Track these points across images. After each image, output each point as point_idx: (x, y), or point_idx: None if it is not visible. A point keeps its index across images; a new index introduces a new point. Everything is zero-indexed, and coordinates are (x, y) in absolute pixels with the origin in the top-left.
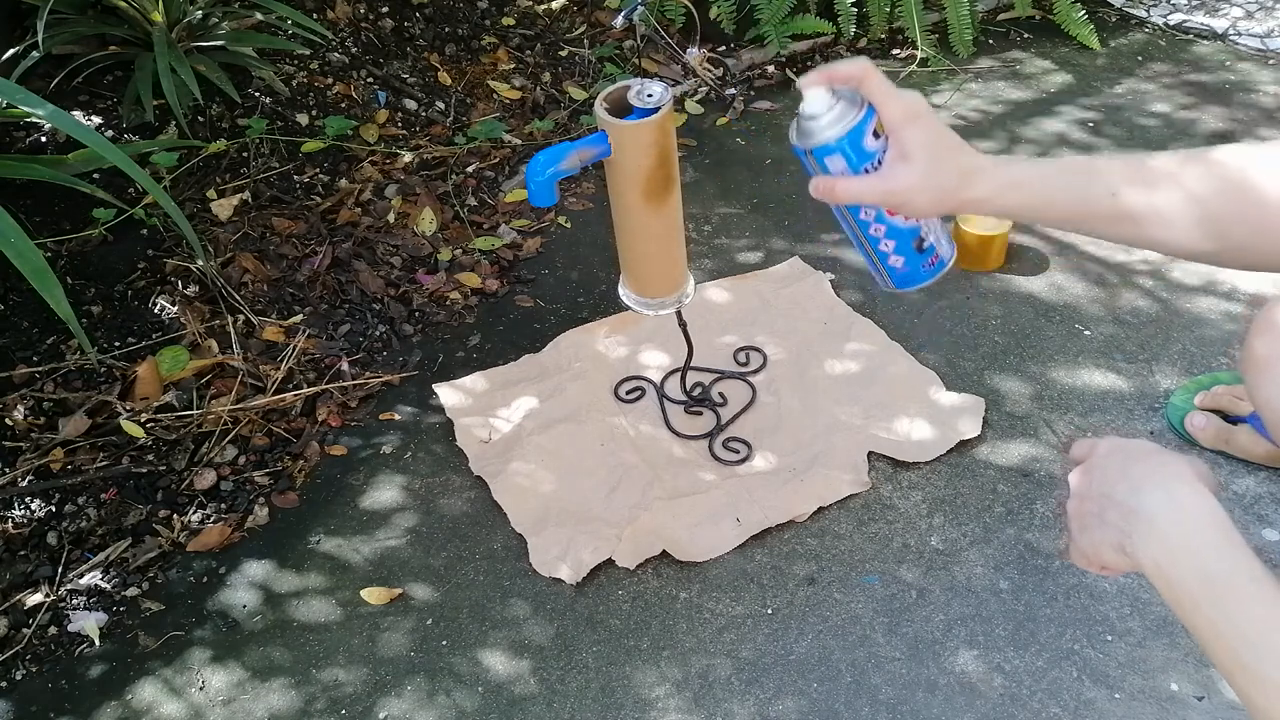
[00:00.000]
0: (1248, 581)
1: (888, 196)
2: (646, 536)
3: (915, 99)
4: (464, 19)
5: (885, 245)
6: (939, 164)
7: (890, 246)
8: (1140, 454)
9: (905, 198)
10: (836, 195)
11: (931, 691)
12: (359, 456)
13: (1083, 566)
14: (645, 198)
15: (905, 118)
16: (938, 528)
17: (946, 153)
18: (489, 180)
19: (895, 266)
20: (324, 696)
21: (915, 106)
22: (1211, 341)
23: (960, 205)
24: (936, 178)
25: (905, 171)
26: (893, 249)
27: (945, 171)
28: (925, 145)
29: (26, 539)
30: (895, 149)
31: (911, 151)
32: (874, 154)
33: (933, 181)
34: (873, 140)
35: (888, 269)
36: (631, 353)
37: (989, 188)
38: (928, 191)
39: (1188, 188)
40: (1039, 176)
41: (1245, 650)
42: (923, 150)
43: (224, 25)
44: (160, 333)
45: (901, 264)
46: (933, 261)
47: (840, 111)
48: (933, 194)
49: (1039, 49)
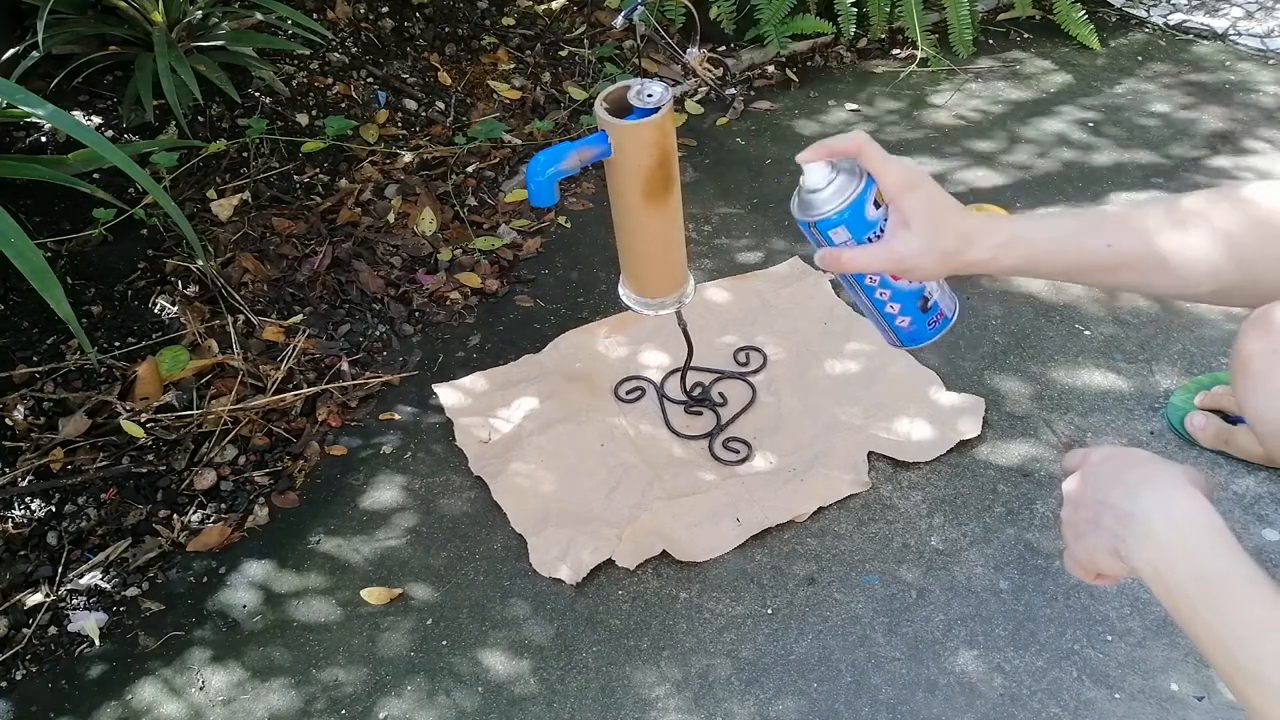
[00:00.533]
0: (1244, 584)
1: (891, 264)
2: (646, 536)
3: (911, 167)
4: (464, 19)
5: (891, 307)
6: (938, 230)
7: (896, 309)
8: (1135, 460)
9: (909, 264)
10: (843, 265)
11: (931, 691)
12: (359, 456)
13: (1077, 575)
14: (645, 198)
15: (903, 186)
16: (938, 528)
17: (945, 218)
18: (489, 180)
19: (902, 326)
20: (324, 696)
21: (912, 175)
22: (1211, 341)
23: (963, 267)
24: (937, 243)
25: (907, 239)
26: (899, 310)
27: (945, 236)
28: (924, 212)
29: (26, 539)
30: (896, 217)
31: (911, 219)
32: (875, 223)
33: (934, 247)
34: (873, 210)
35: (894, 329)
36: (631, 353)
37: (988, 249)
38: (929, 256)
39: (1180, 234)
40: (1036, 233)
41: (1242, 653)
42: (922, 217)
43: (224, 25)
44: (160, 333)
45: (908, 324)
46: (937, 319)
47: (840, 184)
48: (935, 258)
49: (1039, 49)
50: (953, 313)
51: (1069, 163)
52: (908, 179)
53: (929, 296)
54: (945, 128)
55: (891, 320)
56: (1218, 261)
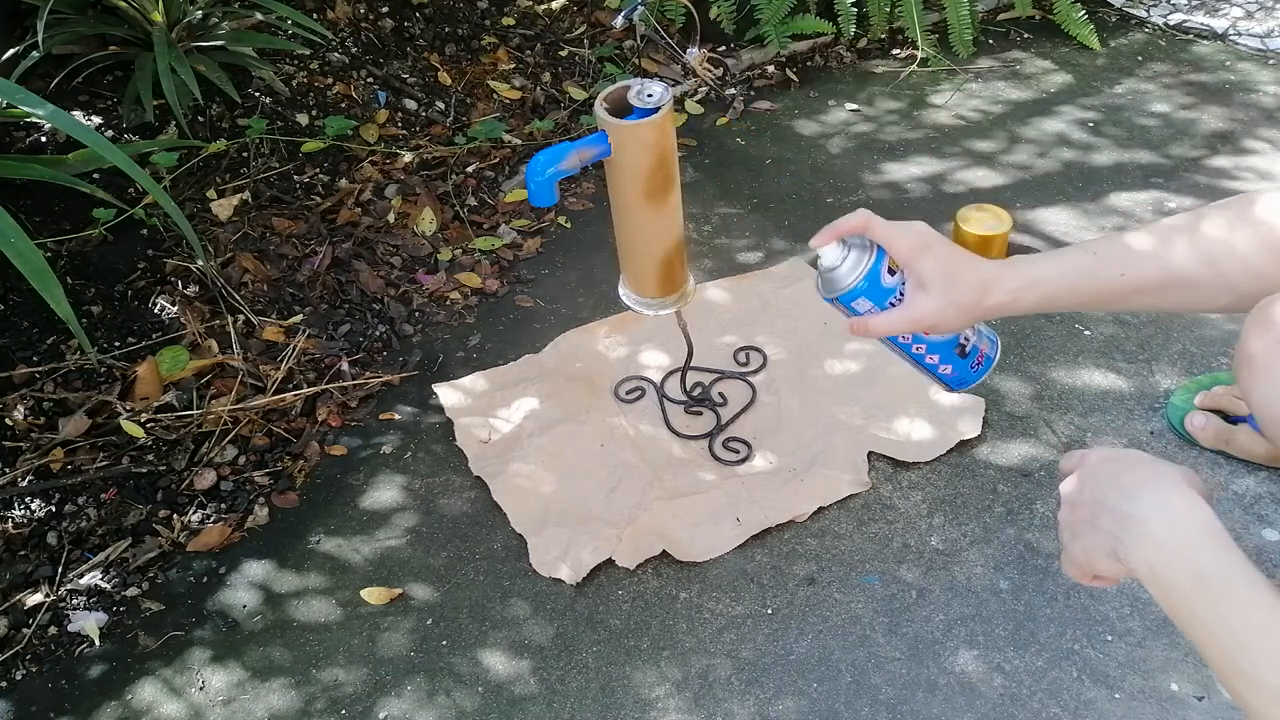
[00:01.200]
0: (1242, 586)
1: (916, 324)
2: (646, 536)
3: (919, 230)
4: (464, 19)
5: (931, 359)
6: (954, 285)
7: (936, 359)
8: (1132, 462)
9: (932, 322)
10: (871, 331)
11: (931, 691)
12: (359, 456)
13: (1074, 577)
14: (645, 198)
15: (913, 251)
16: (938, 528)
17: (959, 273)
18: (489, 180)
19: (946, 374)
20: (324, 696)
21: (921, 237)
22: (1211, 341)
23: (984, 314)
24: (955, 297)
25: (925, 299)
26: (939, 360)
27: (961, 290)
28: (937, 272)
29: (26, 539)
30: (912, 280)
31: (926, 280)
32: (894, 289)
33: (952, 302)
34: (889, 277)
35: (940, 377)
36: (631, 353)
37: (1006, 294)
38: (949, 311)
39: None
40: (1050, 273)
41: (1240, 654)
42: (936, 277)
43: (224, 25)
44: (160, 333)
45: (951, 370)
46: (979, 361)
47: (855, 259)
48: (955, 312)
49: (1039, 49)
50: (994, 351)
51: (1069, 163)
52: (916, 244)
53: (965, 343)
54: (945, 128)
55: (935, 370)
56: (1233, 279)
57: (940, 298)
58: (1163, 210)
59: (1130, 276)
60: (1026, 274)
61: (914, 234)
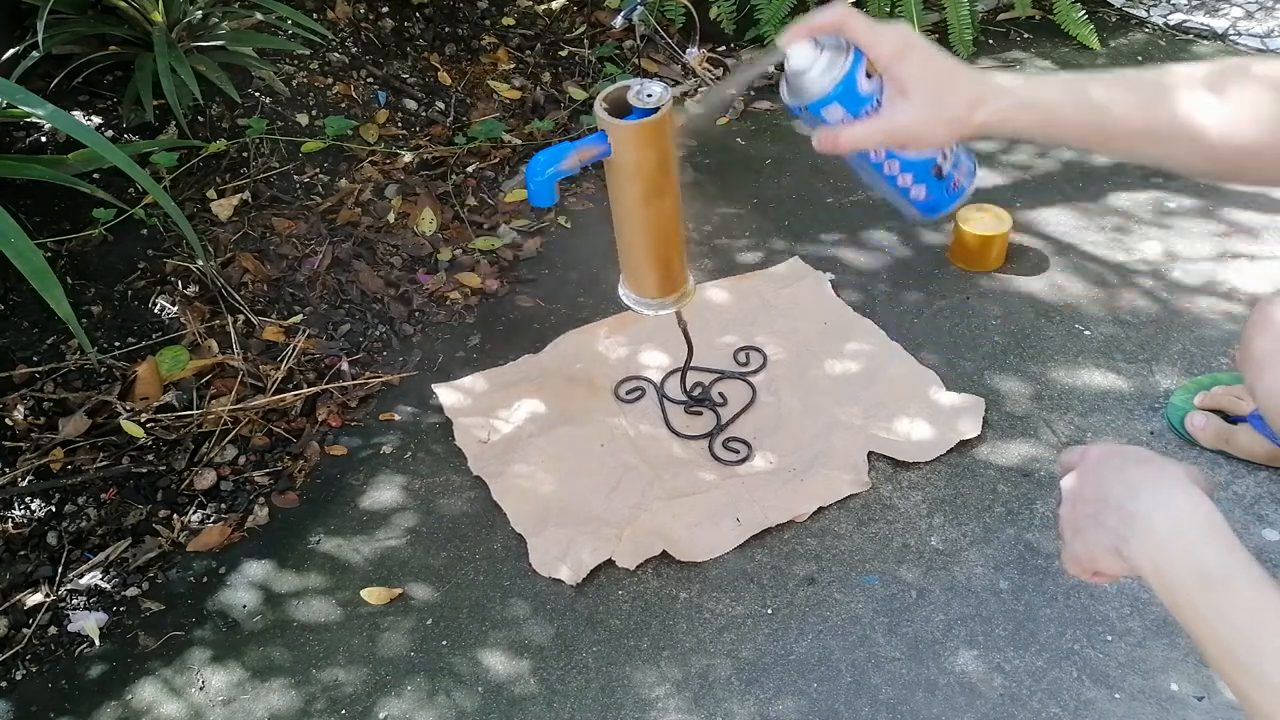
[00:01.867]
0: (1246, 583)
1: (892, 136)
2: (646, 536)
3: (902, 32)
4: (464, 19)
5: (903, 180)
6: (940, 95)
7: (908, 180)
8: (1135, 458)
9: (912, 134)
10: (841, 145)
11: (931, 691)
12: (359, 456)
13: (1074, 573)
14: (645, 198)
15: (895, 54)
16: (938, 528)
17: (947, 81)
18: (489, 180)
19: (918, 197)
20: (324, 696)
21: (904, 39)
22: (1211, 341)
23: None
24: (940, 109)
25: (906, 108)
26: (911, 181)
27: (948, 102)
28: (922, 78)
29: (26, 539)
30: (891, 87)
31: (909, 87)
32: (871, 96)
33: (937, 113)
34: (866, 82)
35: (911, 201)
36: (631, 353)
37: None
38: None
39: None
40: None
41: (1244, 652)
42: (920, 83)
43: (224, 25)
44: (160, 333)
45: (924, 193)
46: (955, 185)
47: (828, 61)
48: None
49: (1039, 49)
50: (971, 176)
51: (1069, 163)
52: (899, 45)
53: (941, 165)
54: None
55: (907, 193)
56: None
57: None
58: (1162, 210)
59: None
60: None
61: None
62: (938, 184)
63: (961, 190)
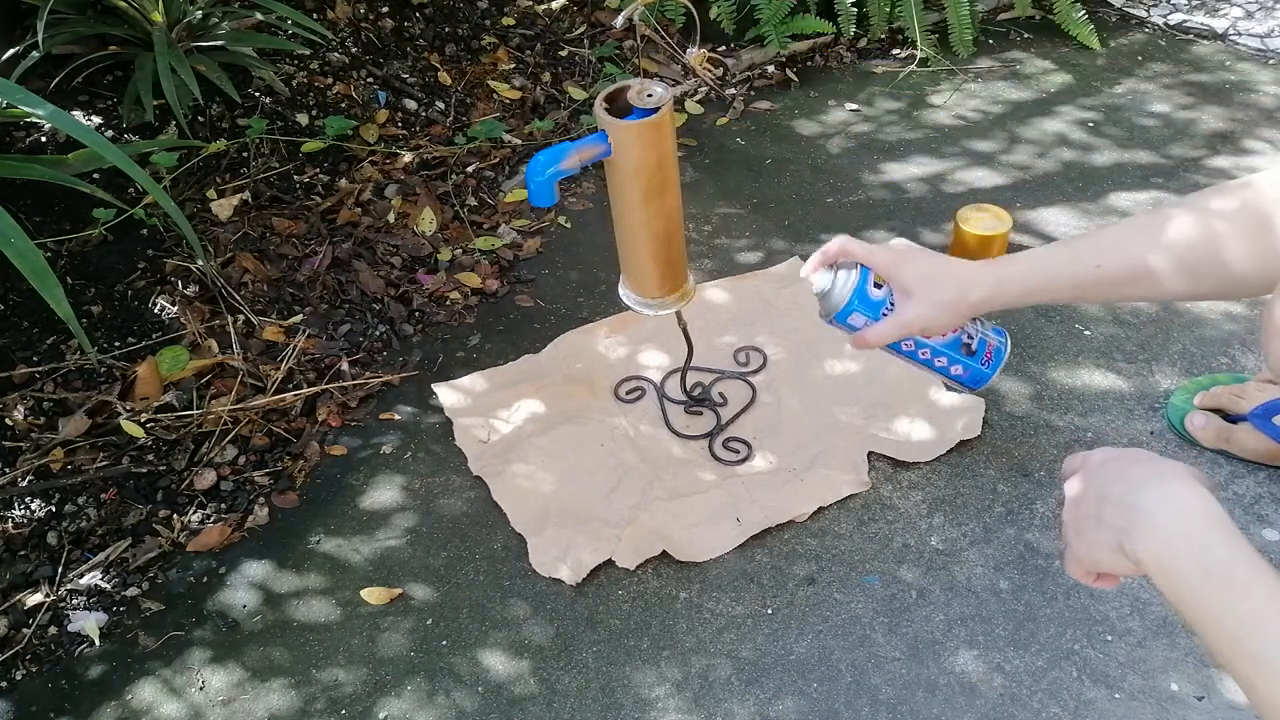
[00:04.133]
0: (1249, 572)
1: (906, 328)
2: (646, 537)
3: (896, 244)
4: (464, 19)
5: (939, 361)
6: (934, 287)
7: (944, 362)
8: (1136, 458)
9: (922, 324)
10: (869, 342)
11: (931, 691)
12: (359, 456)
13: (1077, 576)
14: (645, 198)
15: (891, 263)
16: (938, 528)
17: (938, 276)
18: (489, 180)
19: (959, 374)
20: (324, 696)
21: (898, 250)
22: (1211, 341)
23: (969, 310)
24: (937, 298)
25: (910, 305)
26: (947, 363)
27: (942, 291)
28: (917, 277)
29: (26, 539)
30: (896, 290)
31: (909, 287)
32: (883, 300)
33: (935, 302)
34: (876, 290)
35: (954, 379)
36: (631, 353)
37: (985, 290)
38: (934, 311)
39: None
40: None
41: (1249, 639)
42: (917, 282)
43: (224, 25)
44: (160, 333)
45: (963, 370)
46: (988, 357)
47: (842, 280)
48: (940, 312)
49: (1039, 49)
50: (1004, 344)
51: (1069, 163)
52: (894, 257)
53: (969, 341)
54: (945, 128)
55: (947, 372)
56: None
57: (923, 301)
58: None
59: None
60: (1002, 271)
61: (891, 249)
62: (970, 360)
63: (997, 357)
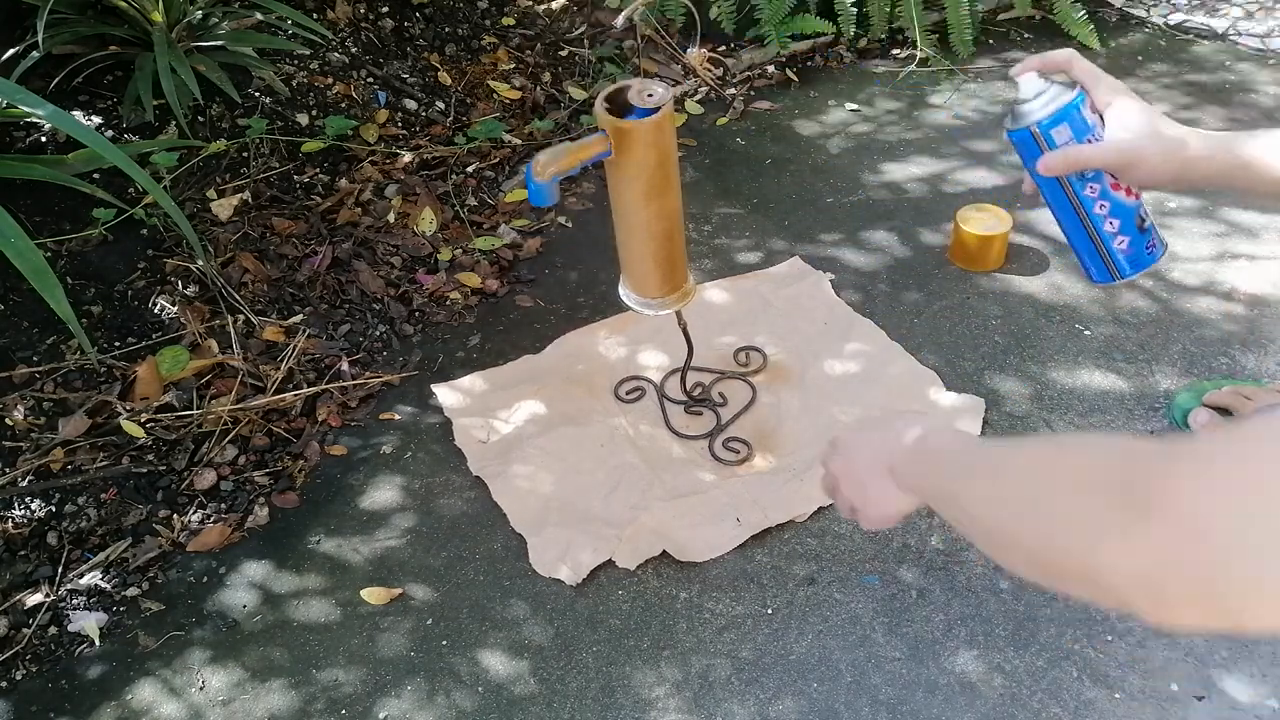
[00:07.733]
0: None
1: (1120, 156)
2: (646, 537)
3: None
4: (464, 19)
5: (1110, 225)
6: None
7: (1115, 226)
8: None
9: (1136, 156)
10: (1071, 162)
11: (931, 691)
12: (359, 456)
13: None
14: (645, 197)
15: (1115, 93)
16: (938, 528)
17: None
18: (489, 180)
19: (1121, 249)
20: (324, 696)
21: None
22: (1211, 341)
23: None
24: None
25: (1130, 135)
26: (1118, 228)
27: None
28: (1141, 111)
29: (26, 539)
30: (1115, 120)
31: (1129, 120)
32: (1092, 128)
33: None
34: (1090, 114)
35: (1113, 253)
36: (631, 353)
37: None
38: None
39: None
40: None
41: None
42: (1139, 116)
43: (224, 25)
44: (160, 333)
45: (1127, 245)
46: (1152, 245)
47: (1056, 91)
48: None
49: (1039, 49)
50: (1164, 244)
51: None
52: (1119, 88)
53: (1145, 216)
54: (945, 128)
55: (1110, 241)
56: None
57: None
58: (1162, 210)
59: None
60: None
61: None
62: (1140, 237)
63: (1155, 255)
